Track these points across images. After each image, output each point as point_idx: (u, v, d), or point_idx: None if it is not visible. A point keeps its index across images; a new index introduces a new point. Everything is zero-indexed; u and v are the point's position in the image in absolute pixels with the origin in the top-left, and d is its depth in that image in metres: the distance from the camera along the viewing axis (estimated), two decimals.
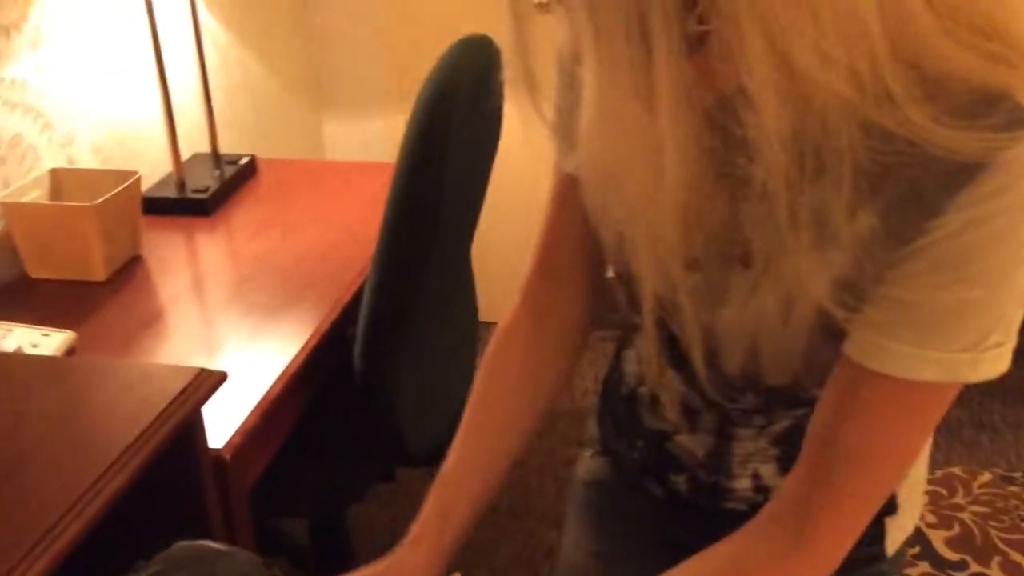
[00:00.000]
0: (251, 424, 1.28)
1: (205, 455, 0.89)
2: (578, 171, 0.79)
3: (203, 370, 0.87)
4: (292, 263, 1.71)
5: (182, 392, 0.84)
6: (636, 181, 0.63)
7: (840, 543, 0.71)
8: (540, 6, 0.65)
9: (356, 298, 1.61)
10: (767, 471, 0.85)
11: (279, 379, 1.36)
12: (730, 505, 0.88)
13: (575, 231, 0.86)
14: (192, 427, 0.86)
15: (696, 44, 0.55)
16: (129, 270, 1.70)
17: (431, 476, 2.60)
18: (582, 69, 0.60)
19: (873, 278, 0.65)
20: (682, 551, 0.99)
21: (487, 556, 2.20)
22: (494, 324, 1.00)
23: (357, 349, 1.51)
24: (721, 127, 0.63)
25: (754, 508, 0.85)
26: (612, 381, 0.98)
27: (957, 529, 1.16)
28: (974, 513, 1.20)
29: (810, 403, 0.74)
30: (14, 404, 0.84)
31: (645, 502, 0.96)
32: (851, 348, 0.67)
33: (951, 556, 1.07)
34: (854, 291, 0.66)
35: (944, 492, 1.26)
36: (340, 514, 1.86)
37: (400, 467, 1.77)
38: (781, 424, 0.82)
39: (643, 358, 0.87)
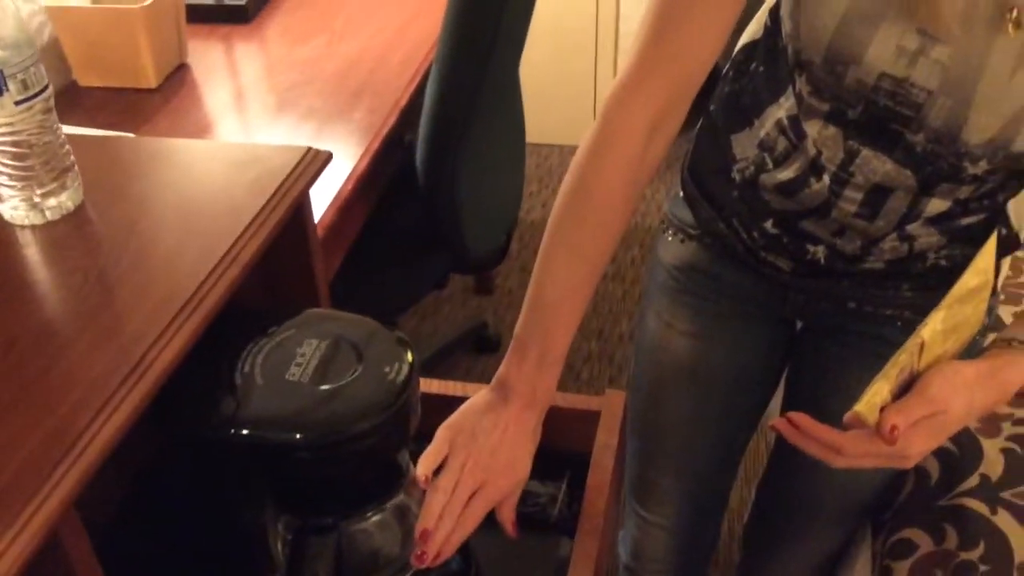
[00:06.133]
0: (328, 221, 1.30)
1: (314, 235, 0.91)
2: None
3: (310, 148, 0.88)
4: (343, 69, 1.68)
5: (294, 170, 0.85)
6: None
7: None
8: None
9: (413, 102, 1.60)
10: (915, 227, 0.86)
11: (348, 180, 1.37)
12: (867, 265, 0.90)
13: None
14: (303, 207, 0.87)
15: None
16: (178, 77, 1.67)
17: (477, 283, 2.65)
18: None
19: None
20: (791, 326, 1.03)
21: None
22: (541, 145, 0.95)
23: (420, 152, 1.51)
24: None
25: (891, 263, 0.89)
26: (711, 167, 0.96)
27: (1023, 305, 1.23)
28: None
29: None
30: (133, 185, 0.85)
31: (760, 280, 0.98)
32: None
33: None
34: None
35: (1011, 272, 1.32)
36: (393, 320, 1.91)
37: (455, 272, 1.80)
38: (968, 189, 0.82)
39: (822, 142, 0.83)
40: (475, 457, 0.77)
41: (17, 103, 0.72)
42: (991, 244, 0.73)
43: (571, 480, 0.95)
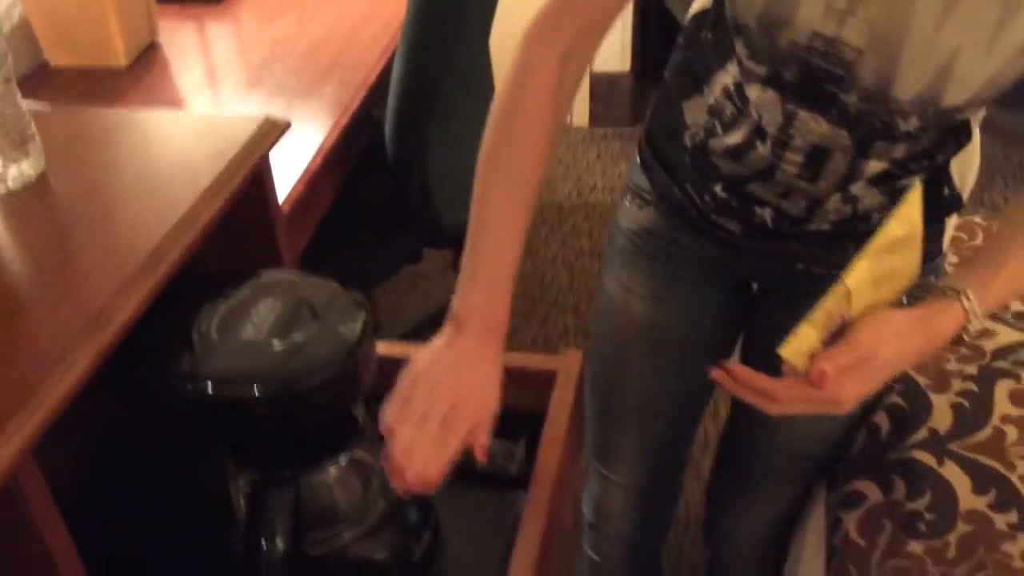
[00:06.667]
0: (296, 195, 1.32)
1: (275, 203, 0.93)
2: None
3: (268, 117, 0.90)
4: (314, 45, 1.70)
5: (251, 138, 0.87)
6: None
7: None
8: None
9: (382, 79, 1.62)
10: (858, 187, 0.89)
11: (317, 154, 1.39)
12: (813, 227, 0.93)
13: None
14: (262, 175, 0.90)
15: None
16: (148, 57, 1.69)
17: (455, 260, 2.67)
18: None
19: None
20: (746, 289, 1.07)
21: (508, 339, 2.30)
22: None
23: (389, 126, 1.53)
24: None
25: (836, 224, 0.92)
26: (665, 133, 1.00)
27: None
28: None
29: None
30: (95, 155, 0.87)
31: (713, 243, 1.01)
32: None
33: None
34: None
35: (965, 236, 1.34)
36: (369, 293, 1.93)
37: (428, 247, 1.83)
38: (902, 146, 0.85)
39: (762, 106, 0.86)
40: (440, 386, 0.76)
41: None
42: (915, 194, 0.75)
43: (529, 438, 0.98)
